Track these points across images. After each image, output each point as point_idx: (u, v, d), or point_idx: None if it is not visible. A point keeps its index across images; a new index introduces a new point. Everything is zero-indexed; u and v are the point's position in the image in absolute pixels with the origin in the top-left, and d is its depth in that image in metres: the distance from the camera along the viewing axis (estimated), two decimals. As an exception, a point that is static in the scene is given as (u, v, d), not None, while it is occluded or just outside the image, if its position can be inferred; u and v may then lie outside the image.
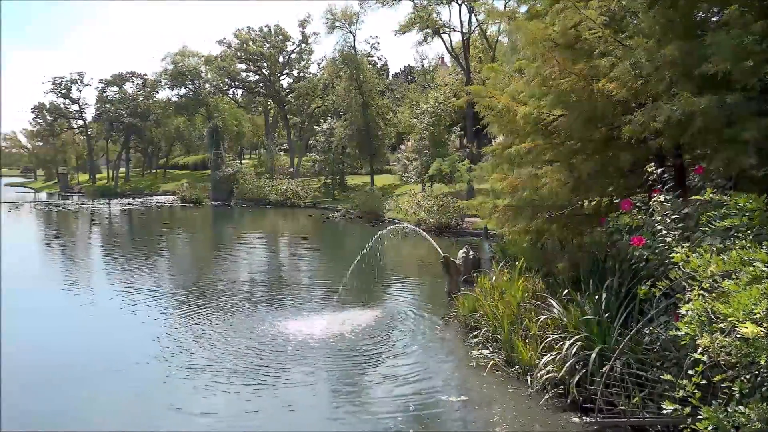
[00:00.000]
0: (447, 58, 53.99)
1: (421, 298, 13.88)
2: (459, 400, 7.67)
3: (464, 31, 38.59)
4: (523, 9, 13.07)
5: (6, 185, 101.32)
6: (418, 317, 11.72)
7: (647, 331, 6.48)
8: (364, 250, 13.30)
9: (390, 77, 68.92)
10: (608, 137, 8.35)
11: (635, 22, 8.35)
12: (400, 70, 76.27)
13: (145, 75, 74.43)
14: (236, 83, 67.57)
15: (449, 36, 40.59)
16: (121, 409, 7.73)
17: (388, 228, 15.11)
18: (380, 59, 62.19)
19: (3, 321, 12.15)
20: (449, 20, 40.14)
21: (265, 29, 62.84)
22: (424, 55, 58.13)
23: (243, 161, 63.76)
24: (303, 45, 62.93)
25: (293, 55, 63.85)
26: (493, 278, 10.72)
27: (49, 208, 49.70)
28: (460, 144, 38.24)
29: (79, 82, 77.67)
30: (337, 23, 44.36)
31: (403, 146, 42.02)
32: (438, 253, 12.97)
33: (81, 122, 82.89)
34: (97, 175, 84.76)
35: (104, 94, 74.83)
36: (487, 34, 39.55)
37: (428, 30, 38.91)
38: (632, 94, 7.33)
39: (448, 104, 35.48)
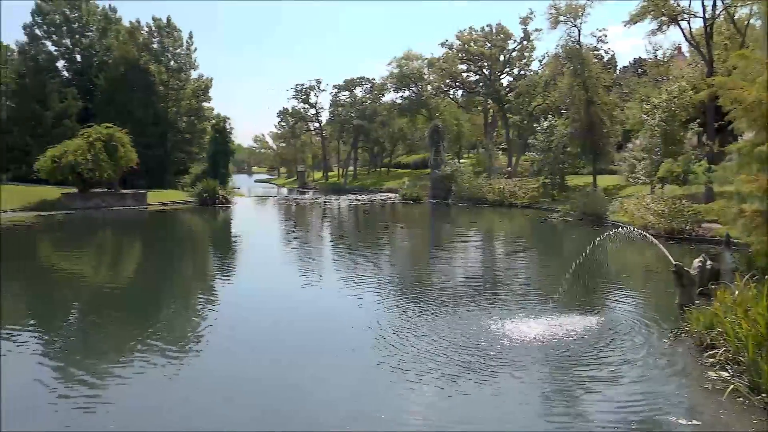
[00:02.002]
0: (685, 47, 49.13)
1: (647, 308, 12.81)
2: (689, 424, 6.92)
3: (707, 16, 34.73)
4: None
5: (255, 181, 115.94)
6: (642, 328, 10.81)
7: None
8: (585, 253, 12.66)
9: (617, 71, 64.81)
10: None
11: None
12: (630, 62, 71.34)
13: (373, 79, 79.78)
14: (457, 84, 68.90)
15: (688, 23, 36.80)
16: (327, 400, 8.00)
17: (611, 231, 14.18)
18: (607, 52, 59.02)
19: (243, 300, 13.98)
20: (689, 5, 36.44)
21: (487, 29, 63.13)
22: (658, 46, 53.09)
23: (461, 160, 64.84)
24: (524, 42, 62.14)
25: (514, 53, 63.31)
26: (736, 292, 9.53)
27: (289, 202, 55.53)
28: (698, 142, 34.56)
29: (316, 88, 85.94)
30: (561, 18, 42.84)
31: (630, 145, 39.17)
32: (669, 261, 11.87)
33: (317, 125, 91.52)
34: (329, 173, 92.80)
35: (337, 99, 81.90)
36: (736, 17, 35.16)
37: (663, 18, 35.70)
38: None
39: (685, 98, 32.27)
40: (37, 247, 25.00)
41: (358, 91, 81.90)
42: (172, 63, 58.40)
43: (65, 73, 57.67)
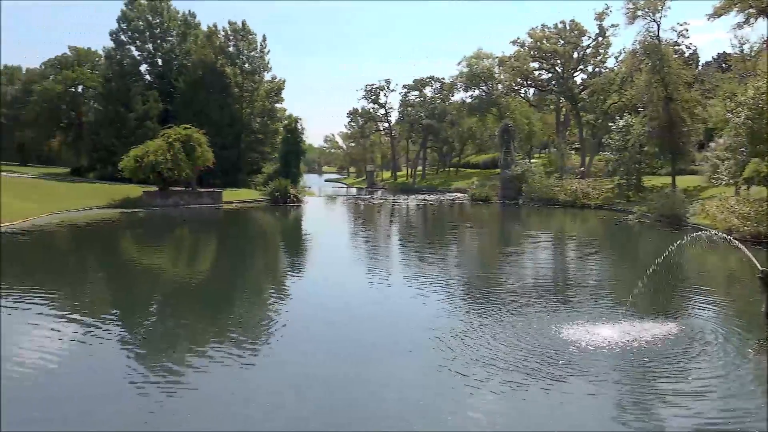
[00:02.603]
0: (774, 40, 46.33)
1: (729, 316, 12.23)
2: (777, 439, 6.56)
3: (800, 7, 32.70)
4: None
5: (325, 180, 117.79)
6: (723, 338, 10.31)
7: None
8: (662, 257, 12.17)
9: (699, 67, 61.92)
10: None
11: None
12: (713, 58, 68.12)
13: (443, 79, 79.41)
14: (528, 82, 67.60)
15: (778, 14, 34.76)
16: (393, 399, 8.08)
17: (692, 235, 13.58)
18: (688, 48, 56.33)
19: (313, 297, 14.26)
20: (780, -4, 34.38)
21: (560, 25, 61.64)
22: (744, 40, 50.39)
23: (532, 160, 63.61)
24: (599, 39, 60.23)
25: (588, 50, 61.50)
26: (830, 302, 8.94)
27: (358, 202, 56.10)
28: (789, 140, 32.60)
29: (385, 88, 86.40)
30: (639, 12, 41.34)
31: (712, 144, 37.34)
32: (755, 266, 11.26)
33: (386, 125, 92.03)
34: (398, 173, 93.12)
35: (406, 99, 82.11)
36: (833, 7, 32.89)
37: (751, 10, 33.89)
38: None
39: (774, 94, 30.51)
40: (121, 242, 26.32)
41: (428, 91, 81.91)
42: (246, 65, 60.05)
43: (147, 77, 60.31)
